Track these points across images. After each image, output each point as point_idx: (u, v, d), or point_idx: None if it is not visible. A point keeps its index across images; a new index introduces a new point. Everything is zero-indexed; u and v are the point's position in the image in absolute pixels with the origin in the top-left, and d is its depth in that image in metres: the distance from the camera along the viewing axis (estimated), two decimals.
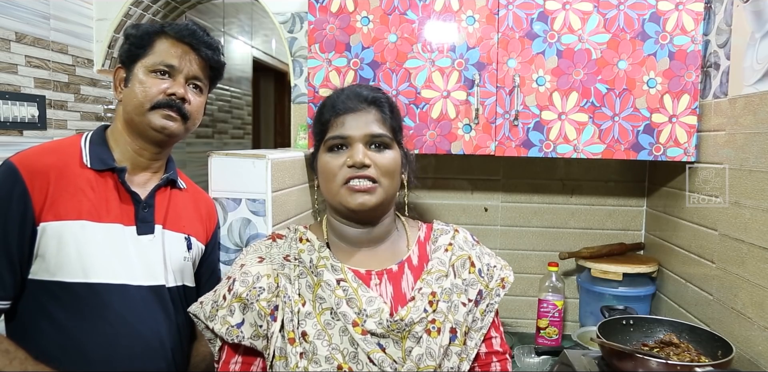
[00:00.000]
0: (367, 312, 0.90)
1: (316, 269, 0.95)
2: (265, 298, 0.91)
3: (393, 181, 0.97)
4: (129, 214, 1.10)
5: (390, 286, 0.96)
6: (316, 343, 0.88)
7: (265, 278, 0.93)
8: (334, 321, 0.90)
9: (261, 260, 0.96)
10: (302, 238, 1.00)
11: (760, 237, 1.20)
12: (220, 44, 1.19)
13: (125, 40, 1.14)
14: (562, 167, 1.89)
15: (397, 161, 0.98)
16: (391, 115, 0.99)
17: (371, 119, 0.96)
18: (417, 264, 0.99)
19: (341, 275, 0.94)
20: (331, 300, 0.91)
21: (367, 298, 0.92)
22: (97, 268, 1.04)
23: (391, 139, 0.97)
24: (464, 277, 0.99)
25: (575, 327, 1.80)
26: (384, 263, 0.99)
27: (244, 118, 4.02)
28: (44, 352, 1.01)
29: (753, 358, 1.21)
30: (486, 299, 0.99)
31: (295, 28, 1.86)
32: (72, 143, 1.11)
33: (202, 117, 1.20)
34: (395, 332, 0.89)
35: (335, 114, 0.97)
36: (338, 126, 0.96)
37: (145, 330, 1.07)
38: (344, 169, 0.93)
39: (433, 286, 0.95)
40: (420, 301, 0.92)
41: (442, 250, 1.00)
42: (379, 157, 0.95)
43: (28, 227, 1.01)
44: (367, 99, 0.98)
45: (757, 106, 1.23)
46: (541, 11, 1.50)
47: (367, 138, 0.95)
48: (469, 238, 1.06)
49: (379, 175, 0.94)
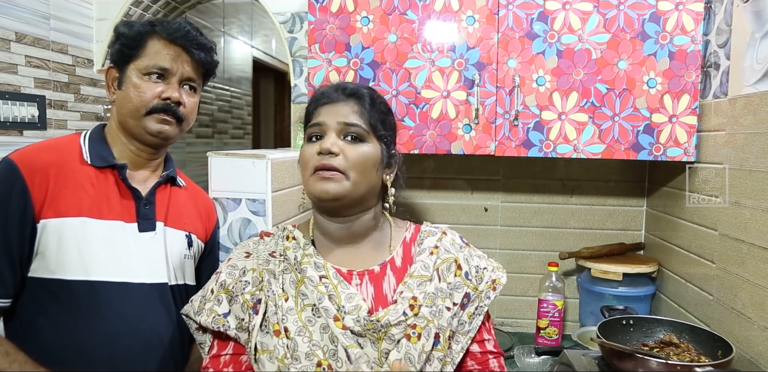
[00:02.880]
0: (345, 308, 0.90)
1: (300, 266, 0.95)
2: (249, 292, 0.93)
3: (364, 175, 0.94)
4: (130, 211, 1.10)
5: (371, 286, 0.95)
6: (296, 339, 0.88)
7: (251, 272, 0.95)
8: (315, 318, 0.90)
9: (248, 255, 0.99)
10: (289, 237, 1.01)
11: (760, 237, 1.20)
12: (213, 44, 1.18)
13: (116, 39, 1.12)
14: (562, 167, 1.89)
15: (371, 156, 0.95)
16: (371, 108, 0.97)
17: (348, 111, 0.96)
18: (400, 266, 0.98)
19: (323, 272, 0.94)
20: (314, 296, 0.91)
21: (347, 294, 0.92)
22: (97, 266, 1.04)
23: (366, 131, 0.95)
24: (449, 280, 0.97)
25: (575, 327, 1.80)
26: (366, 263, 0.98)
27: (244, 118, 4.02)
28: (44, 350, 1.01)
29: (753, 358, 1.21)
30: (474, 302, 0.98)
31: (295, 28, 1.86)
32: (71, 141, 1.11)
33: (203, 116, 1.20)
34: (371, 332, 0.88)
35: (316, 105, 0.98)
36: (316, 115, 0.97)
37: (145, 328, 1.07)
38: (314, 157, 0.93)
39: (414, 291, 0.93)
40: (401, 305, 0.91)
41: (427, 253, 0.99)
42: (350, 148, 0.93)
43: (28, 224, 1.01)
44: (346, 91, 0.98)
45: (757, 106, 1.23)
46: (541, 11, 1.50)
47: (340, 126, 0.94)
48: (457, 240, 1.04)
49: (347, 166, 0.92)
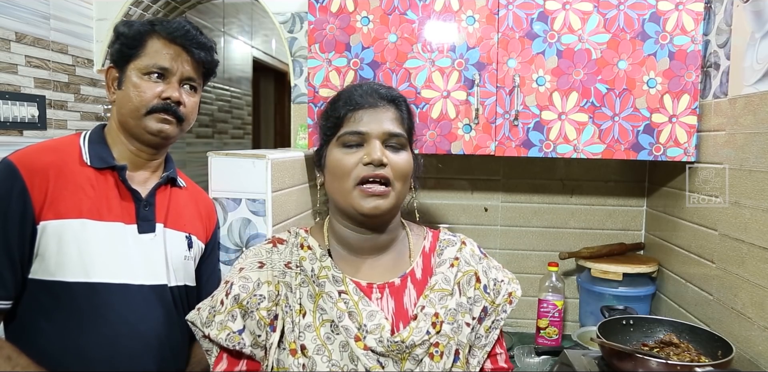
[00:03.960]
0: (367, 327, 0.87)
1: (318, 279, 0.91)
2: (265, 307, 0.88)
3: (405, 185, 0.93)
4: (130, 213, 1.10)
5: (392, 300, 0.92)
6: (315, 358, 0.84)
7: (266, 285, 0.90)
8: (333, 335, 0.87)
9: (261, 266, 0.92)
10: (303, 245, 0.96)
11: (760, 237, 1.20)
12: (213, 43, 1.18)
13: (116, 39, 1.12)
14: (562, 167, 1.89)
15: (410, 164, 0.94)
16: (408, 116, 0.96)
17: (390, 117, 0.92)
18: (420, 278, 0.95)
19: (342, 287, 0.90)
20: (333, 312, 0.88)
21: (368, 312, 0.88)
22: (97, 268, 1.03)
23: (406, 139, 0.93)
24: (469, 294, 0.95)
25: (575, 327, 1.80)
26: (386, 275, 0.94)
27: (244, 118, 4.01)
28: (44, 352, 1.01)
29: (753, 358, 1.21)
30: (491, 316, 0.96)
31: (295, 28, 1.86)
32: (71, 142, 1.11)
33: (203, 116, 1.20)
34: (395, 353, 0.85)
35: (352, 108, 0.91)
36: (355, 121, 0.90)
37: (145, 330, 1.07)
38: (359, 167, 0.88)
39: (436, 306, 0.91)
40: (423, 322, 0.89)
41: (447, 265, 0.96)
42: (395, 157, 0.90)
43: (28, 226, 1.00)
44: (385, 97, 0.93)
45: (757, 106, 1.23)
46: (541, 11, 1.50)
47: (384, 136, 0.90)
48: (476, 251, 1.01)
49: (393, 177, 0.89)
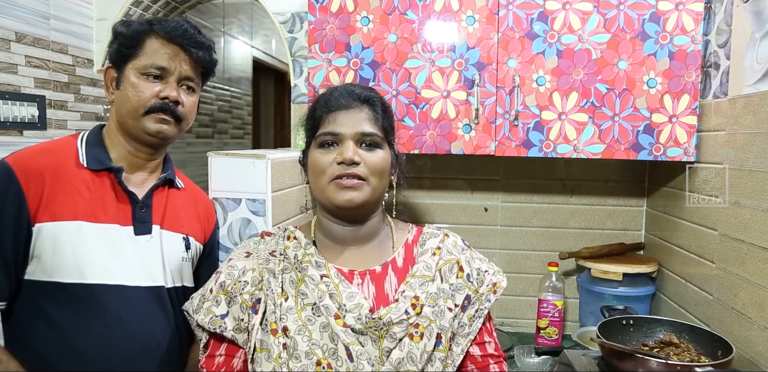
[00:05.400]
0: (346, 307, 0.90)
1: (300, 265, 0.96)
2: (248, 291, 0.94)
3: (381, 180, 0.97)
4: (126, 215, 1.09)
5: (372, 286, 0.96)
6: (296, 338, 0.88)
7: (251, 272, 0.96)
8: (315, 317, 0.91)
9: (248, 255, 0.99)
10: (290, 236, 1.02)
11: (760, 237, 1.20)
12: (212, 42, 1.18)
13: (114, 39, 1.12)
14: (562, 167, 1.89)
15: (386, 161, 0.98)
16: (384, 115, 0.99)
17: (363, 118, 0.97)
18: (402, 266, 0.99)
19: (324, 271, 0.95)
20: (314, 294, 0.92)
21: (348, 293, 0.92)
22: (93, 269, 1.03)
23: (381, 138, 0.97)
24: (451, 281, 0.97)
25: (575, 327, 1.80)
26: (368, 263, 0.99)
27: (244, 118, 4.02)
28: (40, 353, 1.01)
29: (753, 358, 1.21)
30: (475, 305, 0.98)
31: (295, 28, 1.86)
32: (68, 143, 1.11)
33: (203, 116, 1.20)
34: (372, 330, 0.89)
35: (327, 110, 0.97)
36: (330, 122, 0.96)
37: (142, 331, 1.07)
38: (333, 166, 0.94)
39: (416, 290, 0.94)
40: (402, 303, 0.92)
41: (429, 254, 0.99)
42: (369, 155, 0.95)
43: (23, 228, 1.00)
44: (359, 97, 0.98)
45: (757, 106, 1.23)
46: (541, 11, 1.50)
47: (358, 136, 0.95)
48: (459, 242, 1.05)
49: (368, 173, 0.94)
